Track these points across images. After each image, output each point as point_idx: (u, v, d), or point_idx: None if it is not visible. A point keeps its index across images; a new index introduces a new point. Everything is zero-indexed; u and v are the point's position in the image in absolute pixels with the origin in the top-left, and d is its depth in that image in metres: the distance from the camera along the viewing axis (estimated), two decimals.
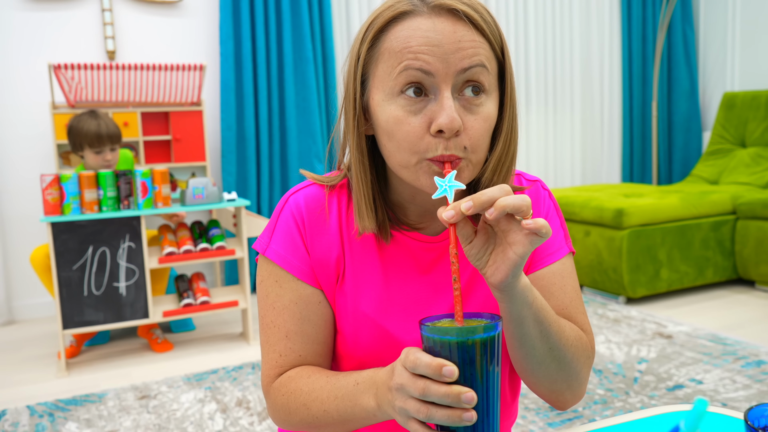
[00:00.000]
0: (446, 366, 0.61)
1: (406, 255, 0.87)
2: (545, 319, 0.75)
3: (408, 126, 0.74)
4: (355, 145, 0.81)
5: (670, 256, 3.42)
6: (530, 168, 4.78)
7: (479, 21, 0.75)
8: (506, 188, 0.65)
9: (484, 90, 0.76)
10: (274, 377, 0.86)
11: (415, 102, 0.74)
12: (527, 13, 4.63)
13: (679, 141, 5.14)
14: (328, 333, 0.88)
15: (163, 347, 2.95)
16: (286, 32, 3.81)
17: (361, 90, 0.80)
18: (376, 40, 0.77)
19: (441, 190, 0.69)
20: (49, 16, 3.51)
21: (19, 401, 2.43)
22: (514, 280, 0.69)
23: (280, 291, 0.86)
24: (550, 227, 0.86)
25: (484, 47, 0.75)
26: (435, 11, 0.74)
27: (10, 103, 3.48)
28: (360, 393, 0.74)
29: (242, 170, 3.83)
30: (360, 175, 0.82)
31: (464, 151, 0.74)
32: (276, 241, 0.87)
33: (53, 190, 2.62)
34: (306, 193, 0.89)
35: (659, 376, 2.42)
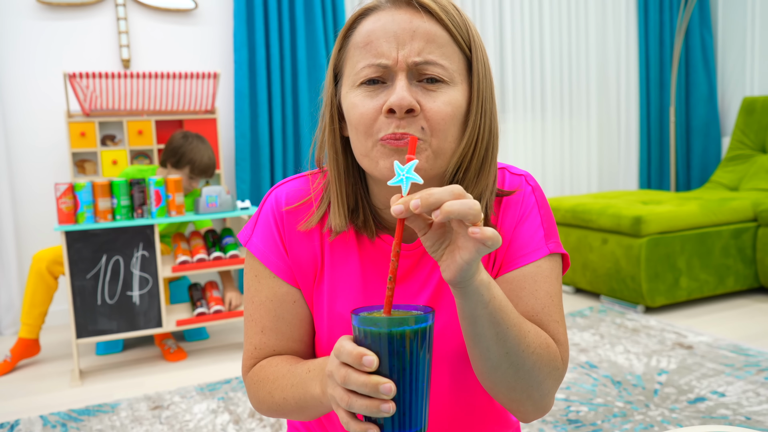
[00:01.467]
0: (366, 355, 0.60)
1: (384, 258, 0.86)
2: (503, 320, 0.72)
3: (363, 108, 0.76)
4: (330, 144, 0.83)
5: (689, 265, 3.36)
6: (546, 174, 4.74)
7: (438, 11, 0.75)
8: (457, 190, 0.63)
9: (443, 80, 0.75)
10: (249, 367, 0.89)
11: (372, 89, 0.76)
12: (542, 18, 4.59)
13: (697, 147, 5.07)
14: (304, 332, 0.89)
15: (176, 357, 2.93)
16: (299, 39, 3.80)
17: (335, 89, 0.82)
18: (346, 39, 0.81)
19: (397, 178, 0.65)
20: (64, 25, 3.53)
21: (33, 411, 2.43)
22: (464, 281, 0.67)
23: (259, 286, 0.88)
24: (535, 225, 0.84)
25: (442, 38, 0.75)
26: (396, 4, 0.77)
27: (26, 112, 3.50)
28: (310, 380, 0.76)
29: (256, 178, 3.82)
30: (333, 173, 0.83)
31: (422, 132, 0.74)
32: (257, 235, 0.89)
33: (67, 198, 2.62)
34: (289, 188, 0.89)
35: (680, 388, 2.37)
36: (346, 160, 0.84)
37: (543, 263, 0.85)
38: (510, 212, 0.87)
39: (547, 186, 4.75)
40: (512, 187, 0.88)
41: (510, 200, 0.87)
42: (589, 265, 3.57)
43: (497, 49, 4.49)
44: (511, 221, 0.86)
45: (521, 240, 0.85)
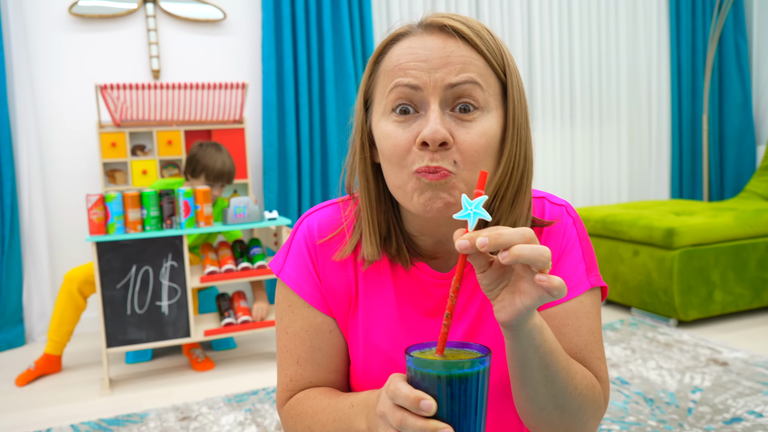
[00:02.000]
0: (424, 400, 0.59)
1: (419, 288, 0.84)
2: (553, 363, 0.71)
3: (395, 139, 0.74)
4: (360, 171, 0.81)
5: (724, 278, 3.28)
6: (575, 183, 4.68)
7: (472, 36, 0.73)
8: (528, 234, 0.61)
9: (478, 107, 0.73)
10: (285, 399, 0.87)
11: (405, 119, 0.74)
12: (572, 24, 4.54)
13: (731, 155, 4.96)
14: (340, 362, 0.87)
15: (203, 366, 2.95)
16: (327, 49, 3.80)
17: (365, 116, 0.81)
18: (376, 64, 0.79)
19: (464, 212, 0.63)
20: (96, 37, 3.58)
21: (64, 420, 2.45)
22: (519, 324, 0.65)
23: (293, 316, 0.86)
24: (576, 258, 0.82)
25: (476, 63, 0.73)
26: (427, 30, 0.75)
27: (58, 123, 3.55)
28: (354, 415, 0.74)
29: (283, 187, 3.84)
30: (365, 201, 0.81)
31: (454, 165, 0.72)
32: (290, 264, 0.87)
33: (98, 209, 2.65)
34: (320, 216, 0.88)
35: (715, 407, 2.31)
36: (377, 187, 0.82)
37: (585, 298, 0.83)
38: (552, 244, 0.85)
39: (576, 195, 4.69)
40: (552, 217, 0.86)
41: (551, 232, 0.85)
42: (619, 276, 3.51)
43: (525, 55, 4.45)
44: (553, 254, 0.84)
45: (563, 274, 0.83)
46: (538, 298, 0.62)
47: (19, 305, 3.46)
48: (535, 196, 0.87)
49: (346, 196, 0.89)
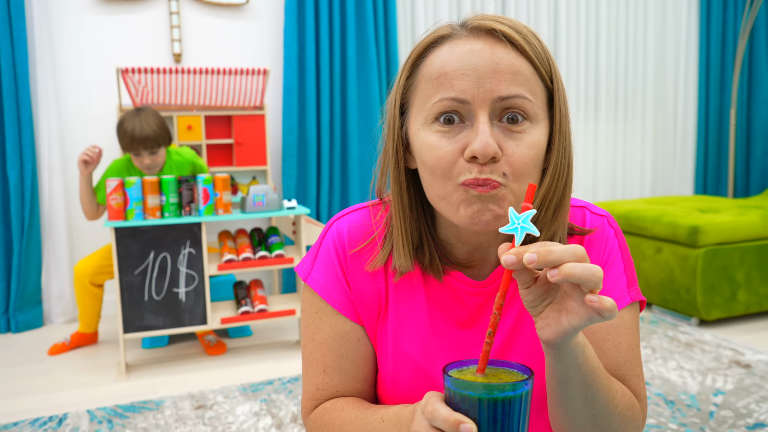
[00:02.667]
0: (464, 423, 0.57)
1: (453, 297, 0.81)
2: (594, 383, 0.69)
3: (440, 151, 0.70)
4: (394, 178, 0.78)
5: (748, 277, 3.22)
6: (597, 176, 4.61)
7: (521, 42, 0.69)
8: (580, 252, 0.58)
9: (527, 117, 0.70)
10: (311, 408, 0.85)
11: (450, 129, 0.70)
12: (599, 15, 4.45)
13: (758, 151, 4.86)
14: (368, 371, 0.85)
15: (216, 350, 2.96)
16: (350, 36, 3.76)
17: (401, 120, 0.76)
18: (415, 67, 0.74)
19: (511, 226, 0.60)
20: (118, 19, 3.56)
21: (80, 405, 2.46)
22: (563, 343, 0.64)
23: (320, 323, 0.83)
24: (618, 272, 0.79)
25: (526, 72, 0.69)
26: (474, 33, 0.70)
27: (80, 106, 3.55)
28: (385, 430, 0.72)
29: (302, 174, 3.81)
30: (398, 209, 0.78)
31: (504, 177, 0.69)
32: (317, 269, 0.84)
33: (117, 195, 2.64)
34: (351, 220, 0.84)
35: (737, 411, 2.26)
36: (410, 194, 0.79)
37: (625, 313, 0.81)
38: (593, 256, 0.82)
39: (598, 189, 4.62)
40: (593, 227, 0.83)
41: (593, 243, 0.82)
42: (641, 273, 3.45)
43: (551, 45, 4.37)
44: (603, 251, 0.82)
45: (605, 287, 0.81)
46: (587, 318, 0.60)
47: (38, 287, 3.48)
48: (574, 205, 0.85)
49: (376, 200, 0.86)
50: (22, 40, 3.29)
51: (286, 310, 2.94)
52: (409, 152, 0.78)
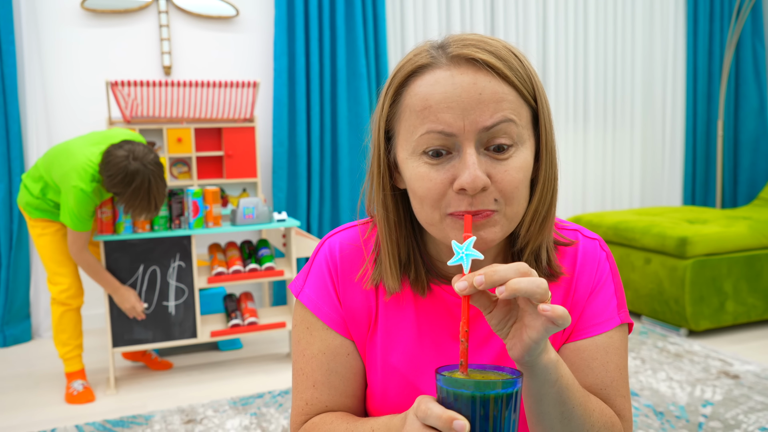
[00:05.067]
0: (457, 420, 0.58)
1: (441, 309, 0.83)
2: (569, 400, 0.70)
3: (430, 182, 0.71)
4: (380, 202, 0.78)
5: (736, 288, 3.24)
6: (586, 187, 4.63)
7: (503, 69, 0.69)
8: (523, 268, 0.61)
9: (513, 143, 0.71)
10: (300, 423, 0.85)
11: (437, 161, 0.71)
12: (587, 27, 4.49)
13: (745, 162, 4.90)
14: (357, 386, 0.86)
15: (162, 365, 2.96)
16: (340, 48, 3.77)
17: (387, 145, 0.77)
18: (398, 95, 0.74)
19: (457, 257, 0.65)
20: (108, 32, 3.57)
21: (69, 420, 2.44)
22: (532, 360, 0.65)
23: (311, 339, 0.85)
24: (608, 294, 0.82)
25: (510, 97, 0.70)
26: (454, 62, 0.70)
27: (69, 118, 3.54)
28: None
29: (293, 187, 3.81)
30: (384, 232, 0.79)
31: (496, 203, 0.71)
32: (310, 285, 0.86)
33: (106, 208, 2.63)
34: (343, 238, 0.86)
35: (726, 422, 2.27)
36: (398, 213, 0.80)
37: (614, 334, 0.83)
38: (585, 278, 0.84)
39: (587, 199, 4.65)
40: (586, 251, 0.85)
41: (585, 266, 0.84)
42: (630, 284, 3.47)
43: (540, 56, 4.41)
44: (586, 288, 0.83)
45: (595, 309, 0.83)
46: (544, 329, 0.62)
47: (26, 301, 3.46)
48: (568, 228, 0.87)
49: (366, 219, 0.88)
50: (11, 53, 3.29)
51: (276, 323, 2.94)
52: (397, 172, 0.78)
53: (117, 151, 2.39)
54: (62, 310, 2.64)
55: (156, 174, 2.43)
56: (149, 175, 2.40)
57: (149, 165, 2.41)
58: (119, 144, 2.42)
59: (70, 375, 2.68)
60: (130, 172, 2.36)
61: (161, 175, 2.46)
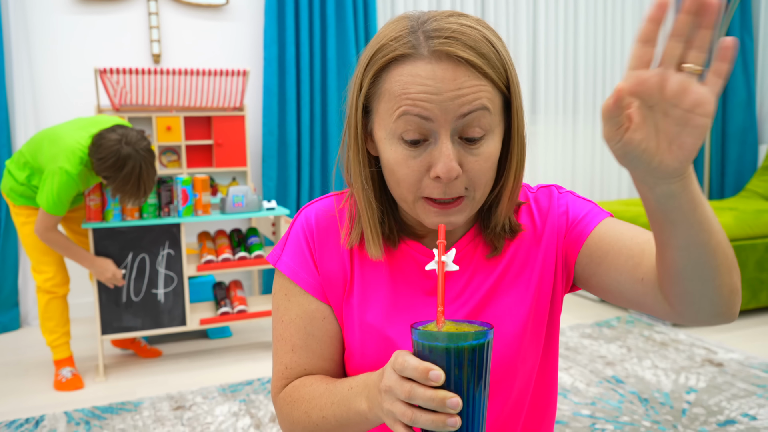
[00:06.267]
0: (433, 370, 0.60)
1: (413, 267, 0.86)
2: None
3: (407, 168, 0.75)
4: (359, 176, 0.82)
5: None
6: (576, 178, 4.66)
7: (482, 66, 0.72)
8: None
9: (485, 133, 0.75)
10: (280, 388, 0.88)
11: (415, 148, 0.75)
12: (577, 18, 4.50)
13: (732, 154, 4.94)
14: (334, 350, 0.88)
15: (151, 353, 2.96)
16: (330, 37, 3.77)
17: (365, 119, 0.80)
18: (377, 77, 0.76)
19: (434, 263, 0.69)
20: (97, 19, 3.55)
21: (58, 407, 2.45)
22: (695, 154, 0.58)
23: (288, 304, 0.87)
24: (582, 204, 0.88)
25: (485, 89, 0.73)
26: (435, 56, 0.72)
27: (57, 106, 3.52)
28: (353, 396, 0.74)
29: (283, 176, 3.82)
30: (365, 204, 0.82)
31: (466, 190, 0.76)
32: (287, 253, 0.89)
33: (95, 196, 2.63)
34: (318, 207, 0.90)
35: (709, 408, 2.31)
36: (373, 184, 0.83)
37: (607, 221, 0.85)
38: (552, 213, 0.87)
39: (576, 190, 4.67)
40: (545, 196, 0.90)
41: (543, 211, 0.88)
42: None
43: (530, 49, 4.42)
44: (556, 214, 0.87)
45: (577, 215, 0.86)
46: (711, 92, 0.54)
47: (15, 289, 3.45)
48: None
49: (340, 191, 0.92)
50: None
51: (265, 311, 2.95)
52: (372, 141, 0.81)
53: (109, 135, 2.38)
54: (48, 298, 2.64)
55: (147, 160, 2.43)
56: (141, 161, 2.40)
57: (141, 151, 2.41)
58: (112, 128, 2.42)
59: (58, 362, 2.68)
60: (122, 156, 2.36)
61: (152, 162, 2.46)
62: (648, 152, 0.57)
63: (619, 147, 0.58)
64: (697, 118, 0.55)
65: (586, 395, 2.45)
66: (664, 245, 0.66)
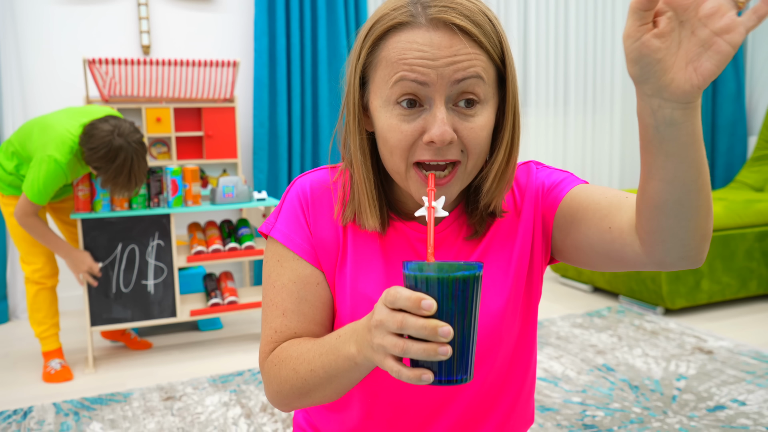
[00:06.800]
0: (425, 299, 0.61)
1: (404, 243, 0.88)
2: None
3: (401, 134, 0.76)
4: (356, 146, 0.83)
5: (711, 267, 3.29)
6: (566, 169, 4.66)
7: (477, 35, 0.74)
8: None
9: (479, 101, 0.76)
10: (268, 352, 0.87)
11: (409, 112, 0.76)
12: (568, 10, 4.50)
13: (722, 145, 4.96)
14: (325, 315, 0.88)
15: (141, 345, 2.95)
16: (321, 28, 3.76)
17: (361, 91, 0.82)
18: (375, 46, 0.78)
19: (424, 209, 0.73)
20: (85, 10, 3.52)
21: (46, 398, 2.43)
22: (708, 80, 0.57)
23: (281, 270, 0.87)
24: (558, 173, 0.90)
25: (480, 58, 0.75)
26: (432, 24, 0.74)
27: (46, 97, 3.50)
28: (342, 343, 0.74)
29: (273, 167, 3.80)
30: (363, 175, 0.83)
31: (461, 154, 0.76)
32: (281, 221, 0.89)
33: (84, 186, 2.61)
34: (313, 177, 0.91)
35: (699, 395, 2.32)
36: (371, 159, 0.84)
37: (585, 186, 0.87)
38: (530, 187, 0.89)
39: None
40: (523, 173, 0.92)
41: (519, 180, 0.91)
42: None
43: (521, 41, 4.42)
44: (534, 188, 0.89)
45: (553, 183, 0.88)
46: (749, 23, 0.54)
47: (3, 282, 3.42)
48: None
49: (334, 164, 0.93)
50: None
51: (256, 302, 2.94)
52: (367, 116, 0.83)
53: (102, 125, 2.36)
54: (36, 289, 2.62)
55: (139, 153, 2.41)
56: (132, 153, 2.38)
57: (133, 143, 2.39)
58: (104, 118, 2.40)
59: (47, 354, 2.66)
60: (114, 147, 2.34)
61: (144, 155, 2.44)
62: (663, 64, 0.57)
63: (635, 47, 0.57)
64: (721, 44, 0.55)
65: (577, 383, 2.45)
66: (651, 176, 0.66)
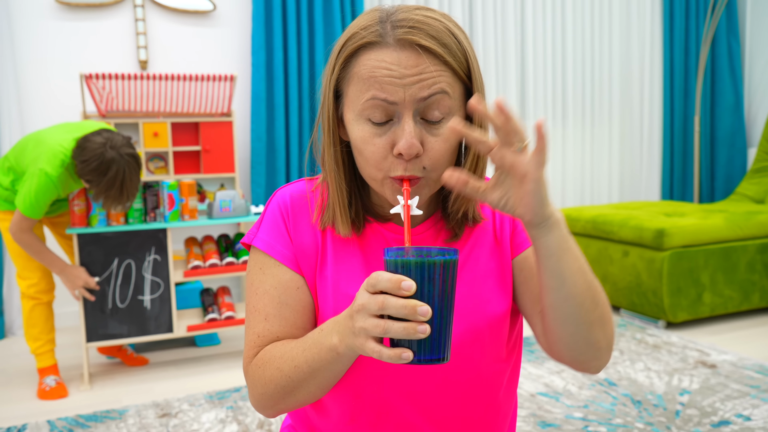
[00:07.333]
0: (405, 281, 0.65)
1: (383, 243, 0.92)
2: (580, 252, 0.79)
3: (373, 146, 0.81)
4: (330, 157, 0.87)
5: (713, 280, 3.26)
6: (566, 183, 4.65)
7: (443, 55, 0.80)
8: None
9: (445, 116, 0.81)
10: (252, 357, 0.90)
11: (380, 126, 0.81)
12: (565, 23, 4.51)
13: (722, 157, 4.95)
14: (306, 319, 0.91)
15: (137, 361, 2.91)
16: (318, 42, 3.76)
17: (336, 103, 0.86)
18: (347, 62, 0.83)
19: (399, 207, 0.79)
20: (82, 26, 3.52)
21: (41, 415, 2.40)
22: (544, 209, 0.73)
23: (263, 277, 0.91)
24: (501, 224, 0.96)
25: (445, 75, 0.80)
26: (400, 44, 0.79)
27: (43, 112, 3.49)
28: (324, 336, 0.77)
29: (271, 182, 3.79)
30: (336, 185, 0.88)
31: (423, 171, 0.81)
32: (263, 231, 0.93)
33: (80, 201, 2.59)
34: (292, 189, 0.95)
35: (703, 410, 2.28)
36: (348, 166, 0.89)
37: None
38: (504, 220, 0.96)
39: (566, 195, 4.66)
40: None
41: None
42: (609, 277, 3.48)
43: (518, 52, 4.42)
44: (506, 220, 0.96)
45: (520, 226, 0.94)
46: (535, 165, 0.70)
47: None
48: None
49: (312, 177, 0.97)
50: None
51: None
52: (342, 126, 0.88)
53: (95, 138, 2.35)
54: (32, 304, 2.59)
55: (132, 166, 2.39)
56: (125, 165, 2.36)
57: (126, 156, 2.37)
58: (97, 131, 2.39)
59: (42, 371, 2.63)
60: (106, 160, 2.32)
61: (137, 167, 2.42)
62: (509, 206, 0.74)
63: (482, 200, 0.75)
64: (526, 184, 0.71)
65: (579, 398, 2.42)
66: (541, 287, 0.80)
